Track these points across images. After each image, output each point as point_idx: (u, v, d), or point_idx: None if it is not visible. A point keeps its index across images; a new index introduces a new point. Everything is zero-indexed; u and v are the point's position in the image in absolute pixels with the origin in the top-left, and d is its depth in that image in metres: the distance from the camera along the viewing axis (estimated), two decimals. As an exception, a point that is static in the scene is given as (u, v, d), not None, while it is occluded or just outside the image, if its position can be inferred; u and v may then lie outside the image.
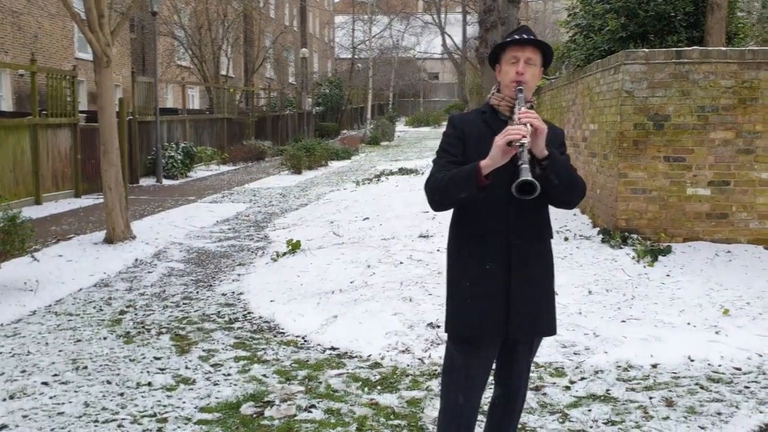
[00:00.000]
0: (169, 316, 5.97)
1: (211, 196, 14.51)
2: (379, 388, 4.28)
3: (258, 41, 30.83)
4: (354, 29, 41.19)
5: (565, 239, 7.83)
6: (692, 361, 4.64)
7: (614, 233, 7.48)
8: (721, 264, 6.78)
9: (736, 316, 5.40)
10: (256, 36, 31.20)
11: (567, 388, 4.24)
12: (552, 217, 2.83)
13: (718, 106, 7.32)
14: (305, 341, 5.25)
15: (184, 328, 5.60)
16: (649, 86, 7.38)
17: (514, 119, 2.56)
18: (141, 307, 6.26)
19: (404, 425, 3.75)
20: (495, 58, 2.77)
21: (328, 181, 17.08)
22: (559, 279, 4.32)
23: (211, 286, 7.07)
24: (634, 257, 6.88)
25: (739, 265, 6.73)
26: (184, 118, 20.31)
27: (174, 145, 18.06)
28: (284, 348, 5.10)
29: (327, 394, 4.18)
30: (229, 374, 4.55)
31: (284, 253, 8.12)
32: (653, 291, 6.02)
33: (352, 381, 4.40)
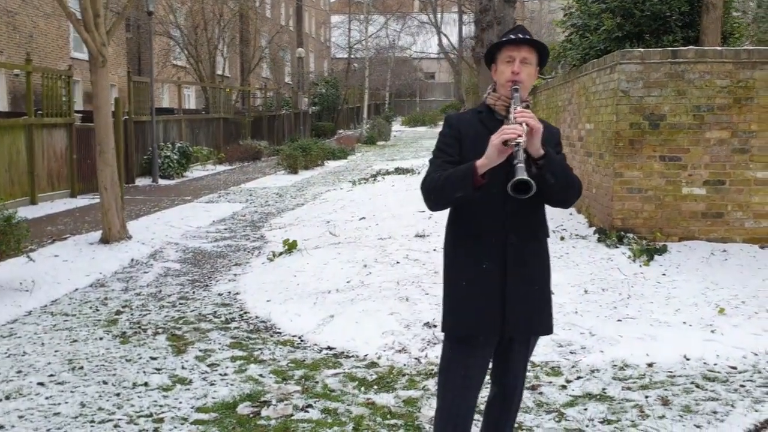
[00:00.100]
0: (166, 316, 5.96)
1: (208, 196, 14.48)
2: (375, 387, 4.28)
3: (254, 41, 30.80)
4: (350, 29, 41.15)
5: (561, 238, 7.84)
6: (688, 359, 4.65)
7: (610, 232, 7.50)
8: (717, 263, 6.80)
9: (732, 315, 5.41)
10: (252, 36, 31.15)
11: (563, 387, 4.25)
12: (548, 216, 2.83)
13: (713, 105, 7.34)
14: (302, 341, 5.24)
15: (181, 328, 5.60)
16: (645, 86, 7.40)
17: (510, 119, 2.57)
18: (137, 307, 6.25)
19: (401, 425, 3.75)
20: (491, 58, 2.78)
21: (324, 181, 17.08)
22: (555, 278, 4.33)
23: (208, 286, 7.06)
24: (630, 256, 6.90)
25: (734, 264, 6.75)
26: (180, 118, 20.28)
27: (170, 145, 18.01)
28: (281, 348, 5.09)
29: (323, 394, 4.18)
30: (225, 374, 4.54)
31: (280, 253, 8.12)
32: (649, 290, 6.04)
33: (348, 381, 4.40)
